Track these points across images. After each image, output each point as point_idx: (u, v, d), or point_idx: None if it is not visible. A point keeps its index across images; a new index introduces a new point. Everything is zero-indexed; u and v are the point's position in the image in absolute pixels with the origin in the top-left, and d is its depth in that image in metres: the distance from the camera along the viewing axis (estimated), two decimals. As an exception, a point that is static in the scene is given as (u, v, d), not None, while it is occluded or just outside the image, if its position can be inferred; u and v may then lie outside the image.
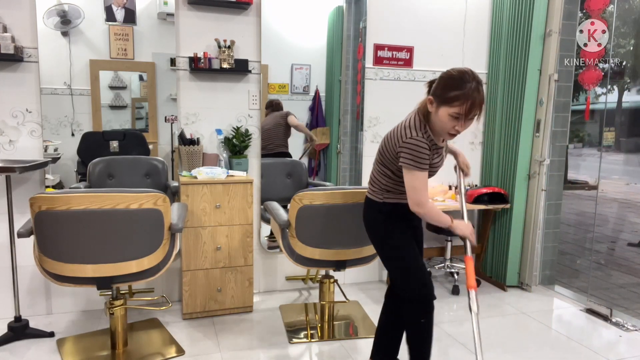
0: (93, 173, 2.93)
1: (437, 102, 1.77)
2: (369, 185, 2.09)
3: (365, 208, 2.12)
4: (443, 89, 1.74)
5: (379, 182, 2.01)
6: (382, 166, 1.98)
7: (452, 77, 1.74)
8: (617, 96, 12.20)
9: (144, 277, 2.27)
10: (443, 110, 1.75)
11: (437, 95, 1.76)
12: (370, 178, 2.08)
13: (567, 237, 5.62)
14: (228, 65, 3.05)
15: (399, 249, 2.02)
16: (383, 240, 2.06)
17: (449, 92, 1.72)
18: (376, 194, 2.03)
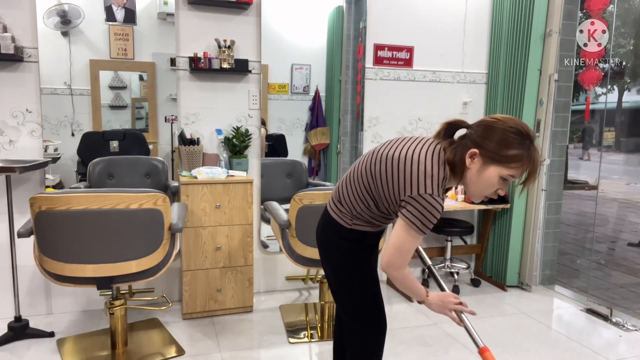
0: (93, 173, 2.93)
1: (487, 160, 1.40)
2: (334, 202, 1.65)
3: (324, 227, 1.69)
4: (500, 144, 1.38)
5: (352, 206, 1.59)
6: (366, 193, 1.54)
7: (510, 131, 1.38)
8: (617, 96, 12.20)
9: (144, 277, 2.27)
10: (494, 170, 1.40)
11: (490, 150, 1.39)
12: (338, 194, 1.64)
13: (567, 237, 5.62)
14: (228, 65, 3.05)
15: (364, 289, 1.70)
16: (345, 273, 1.68)
17: (508, 149, 1.37)
18: (344, 217, 1.61)
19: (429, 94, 3.64)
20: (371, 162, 1.54)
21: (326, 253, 1.72)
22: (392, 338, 2.78)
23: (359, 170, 1.58)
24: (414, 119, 3.64)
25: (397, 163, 1.45)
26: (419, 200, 1.38)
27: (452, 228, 3.53)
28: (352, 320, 1.73)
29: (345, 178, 1.65)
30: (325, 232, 1.70)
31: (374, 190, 1.52)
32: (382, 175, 1.49)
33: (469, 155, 1.42)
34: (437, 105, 3.67)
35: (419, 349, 2.65)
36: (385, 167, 1.48)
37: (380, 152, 1.54)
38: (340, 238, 1.64)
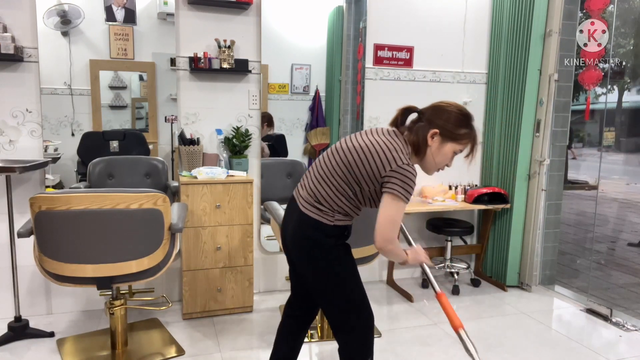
0: (93, 173, 2.93)
1: (445, 136, 1.68)
2: (311, 204, 1.70)
3: (305, 230, 1.71)
4: (453, 124, 1.67)
5: (332, 201, 1.68)
6: (344, 184, 1.66)
7: (458, 112, 1.69)
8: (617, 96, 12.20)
9: (144, 277, 2.27)
10: (450, 146, 1.69)
11: (447, 131, 1.67)
12: (313, 195, 1.70)
13: (567, 237, 5.62)
14: (228, 65, 3.05)
15: (352, 278, 1.77)
16: (332, 269, 1.73)
17: (458, 129, 1.68)
18: (325, 215, 1.68)
19: (429, 94, 3.64)
20: (341, 156, 1.68)
21: (308, 255, 1.74)
22: (392, 338, 2.78)
23: (331, 167, 1.70)
24: (414, 119, 3.63)
25: (369, 149, 1.64)
26: (399, 171, 1.58)
27: (452, 228, 3.53)
28: (342, 313, 1.78)
29: (316, 179, 1.73)
30: (306, 234, 1.72)
31: (354, 180, 1.66)
32: (358, 163, 1.64)
33: (430, 135, 1.68)
34: (437, 105, 3.67)
35: (419, 349, 2.65)
36: (359, 155, 1.64)
37: (347, 146, 1.69)
38: (326, 236, 1.71)
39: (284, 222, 1.85)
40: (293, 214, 1.78)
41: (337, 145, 1.74)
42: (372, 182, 1.63)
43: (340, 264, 1.75)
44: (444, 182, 3.76)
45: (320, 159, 1.77)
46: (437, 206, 3.38)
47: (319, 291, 1.79)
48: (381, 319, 3.03)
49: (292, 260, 1.88)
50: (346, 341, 1.81)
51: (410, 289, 3.47)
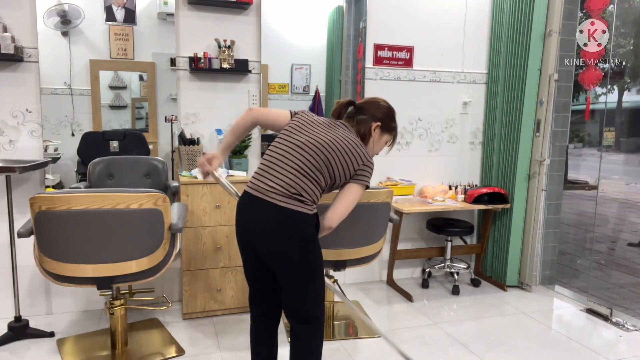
0: (93, 173, 2.93)
1: (384, 129, 1.97)
2: (291, 197, 1.74)
3: (292, 225, 1.75)
4: (390, 119, 1.97)
5: (312, 192, 1.77)
6: (322, 177, 1.79)
7: (391, 108, 1.99)
8: (617, 96, 12.20)
9: (144, 277, 2.27)
10: (386, 137, 2.00)
11: (386, 124, 1.96)
12: (292, 188, 1.74)
13: (567, 237, 5.62)
14: (228, 65, 3.05)
15: (321, 267, 1.87)
16: (314, 259, 1.82)
17: (393, 123, 1.99)
18: (307, 205, 1.76)
19: (429, 93, 3.64)
20: (318, 153, 1.78)
21: (294, 249, 1.77)
22: (392, 338, 2.77)
23: (308, 162, 1.77)
24: (414, 119, 3.64)
25: (342, 147, 1.80)
26: (368, 165, 1.84)
27: (452, 228, 3.53)
28: (311, 304, 1.84)
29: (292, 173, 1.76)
30: (294, 229, 1.75)
31: (330, 175, 1.80)
32: (336, 161, 1.79)
33: (373, 127, 1.93)
34: (437, 105, 3.67)
35: (419, 349, 2.65)
36: (336, 154, 1.79)
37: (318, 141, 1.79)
38: (311, 227, 1.79)
39: (248, 219, 1.81)
40: (263, 209, 1.76)
41: (303, 142, 1.80)
42: (345, 176, 1.81)
43: (319, 257, 1.85)
44: (444, 182, 3.76)
45: (286, 155, 1.79)
46: (437, 206, 3.38)
47: (295, 283, 1.82)
48: (381, 319, 3.03)
49: (261, 256, 1.83)
50: (310, 331, 1.86)
51: (410, 289, 3.47)
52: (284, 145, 1.83)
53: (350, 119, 1.94)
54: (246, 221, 1.83)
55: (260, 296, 1.98)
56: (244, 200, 1.85)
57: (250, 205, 1.81)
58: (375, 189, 2.57)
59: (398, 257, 3.59)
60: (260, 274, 1.93)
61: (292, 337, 1.89)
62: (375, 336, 2.79)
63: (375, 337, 2.78)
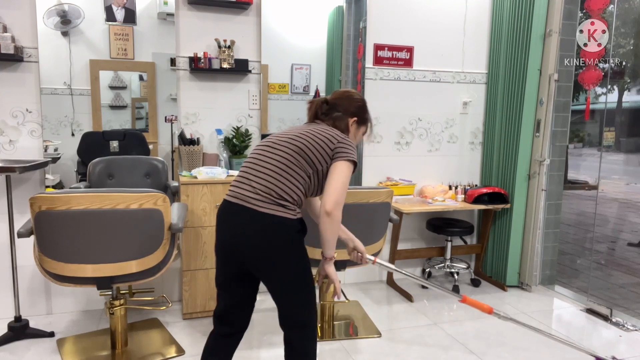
0: (93, 173, 2.93)
1: (360, 122, 1.96)
2: (271, 202, 1.69)
3: (274, 232, 1.70)
4: (364, 111, 1.97)
5: (293, 193, 1.72)
6: (301, 170, 1.73)
7: (363, 101, 1.99)
8: (617, 96, 12.19)
9: (144, 277, 2.27)
10: (362, 129, 2.00)
11: (362, 117, 1.96)
12: (272, 192, 1.69)
13: (567, 237, 5.62)
14: (228, 65, 3.05)
15: (309, 271, 1.80)
16: (299, 264, 1.76)
17: (367, 114, 1.99)
18: (289, 210, 1.71)
19: (429, 94, 3.64)
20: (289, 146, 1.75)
21: (280, 257, 1.72)
22: (392, 338, 2.78)
23: (283, 159, 1.73)
24: (414, 119, 3.64)
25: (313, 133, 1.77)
26: (345, 141, 1.78)
27: (452, 228, 3.53)
28: (302, 309, 1.80)
29: (269, 175, 1.72)
30: (277, 236, 1.71)
31: (308, 163, 1.74)
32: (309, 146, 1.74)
33: (351, 123, 1.92)
34: (437, 105, 3.67)
35: (419, 349, 2.65)
36: (307, 139, 1.75)
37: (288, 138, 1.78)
38: (296, 232, 1.74)
39: (230, 229, 1.74)
40: (246, 217, 1.70)
41: (274, 142, 1.79)
42: (324, 159, 1.75)
43: (307, 261, 1.79)
44: (444, 182, 3.76)
45: (261, 157, 1.76)
46: (437, 206, 3.38)
47: (284, 290, 1.78)
48: (381, 319, 3.03)
49: (247, 267, 1.76)
50: (301, 337, 1.82)
51: (410, 289, 3.47)
52: (259, 150, 1.80)
53: (326, 117, 1.91)
54: (228, 232, 1.75)
55: (230, 314, 1.87)
56: (224, 209, 1.78)
57: (231, 214, 1.74)
58: (375, 189, 2.57)
59: (398, 257, 3.59)
60: (237, 289, 1.84)
61: (286, 345, 1.84)
62: (376, 336, 2.79)
63: (376, 337, 2.78)
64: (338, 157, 1.75)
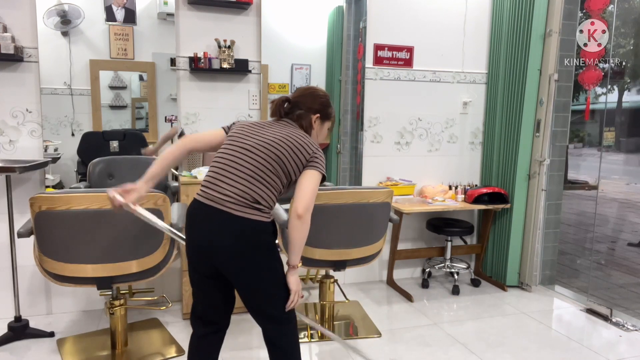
0: (93, 173, 2.93)
1: (323, 118, 1.96)
2: (246, 206, 1.68)
3: (250, 235, 1.69)
4: (327, 107, 1.96)
5: (269, 197, 1.73)
6: (277, 178, 1.74)
7: (327, 96, 1.98)
8: (617, 96, 12.19)
9: (144, 277, 2.27)
10: (327, 124, 2.00)
11: (325, 112, 1.96)
12: (248, 196, 1.69)
13: (567, 237, 5.62)
14: (228, 65, 3.05)
15: (282, 272, 1.80)
16: (273, 266, 1.76)
17: (329, 109, 1.97)
18: (264, 214, 1.72)
19: (429, 94, 3.64)
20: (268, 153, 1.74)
21: (255, 260, 1.72)
22: (392, 338, 2.78)
23: (261, 166, 1.73)
24: (414, 119, 3.64)
25: (290, 141, 1.78)
26: (318, 153, 1.82)
27: (452, 228, 3.53)
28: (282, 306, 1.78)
29: (245, 179, 1.70)
30: (252, 239, 1.70)
31: (284, 172, 1.76)
32: (287, 156, 1.75)
33: (314, 120, 1.91)
34: (437, 105, 3.67)
35: (419, 349, 2.65)
36: (285, 149, 1.76)
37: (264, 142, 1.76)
38: (269, 234, 1.75)
39: (203, 232, 1.72)
40: (220, 220, 1.68)
41: (250, 144, 1.76)
42: (298, 168, 1.78)
43: (280, 261, 1.79)
44: (444, 182, 3.76)
45: (236, 160, 1.74)
46: (437, 206, 3.38)
47: (262, 292, 1.76)
48: (381, 319, 3.03)
49: (221, 270, 1.74)
50: (285, 332, 1.82)
51: (410, 289, 3.47)
52: (233, 151, 1.76)
53: (290, 115, 1.90)
54: (201, 234, 1.72)
55: (210, 314, 1.86)
56: (195, 210, 1.74)
57: (203, 216, 1.71)
58: (375, 189, 2.57)
59: (398, 257, 3.59)
60: (214, 289, 1.82)
61: (267, 344, 1.83)
62: (376, 336, 2.79)
63: (376, 337, 2.78)
64: (310, 166, 1.78)
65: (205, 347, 1.89)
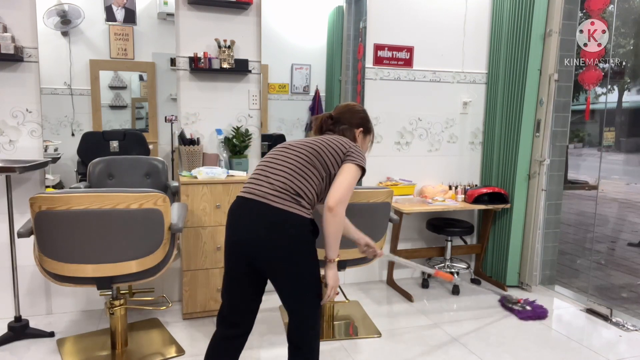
0: (93, 173, 2.93)
1: (365, 132, 2.08)
2: (288, 199, 1.71)
3: (292, 228, 1.71)
4: (367, 121, 2.09)
5: (308, 191, 1.75)
6: (317, 172, 1.78)
7: (365, 112, 2.11)
8: (617, 96, 12.19)
9: (144, 277, 2.27)
10: (368, 138, 2.11)
11: (366, 127, 2.08)
12: (290, 189, 1.72)
13: (567, 237, 5.62)
14: (228, 65, 3.05)
15: (319, 272, 1.82)
16: (312, 265, 1.78)
17: (369, 124, 2.10)
18: (304, 209, 1.73)
19: (429, 94, 3.64)
20: (308, 149, 1.82)
21: (294, 255, 1.73)
22: (392, 338, 2.78)
23: (302, 161, 1.79)
24: (414, 119, 3.64)
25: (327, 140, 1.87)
26: (356, 147, 1.89)
27: (452, 228, 3.53)
28: (313, 311, 1.82)
29: (288, 174, 1.76)
30: (287, 232, 1.71)
31: (323, 166, 1.80)
32: (325, 149, 1.82)
33: (357, 133, 2.04)
34: (437, 105, 3.67)
35: (419, 349, 2.65)
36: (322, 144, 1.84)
37: (305, 143, 1.86)
38: (308, 231, 1.75)
39: (240, 224, 1.74)
40: (260, 212, 1.71)
41: (288, 146, 1.86)
42: (336, 162, 1.82)
43: (317, 261, 1.81)
44: (444, 182, 3.76)
45: (277, 158, 1.82)
46: (437, 206, 3.38)
47: (297, 292, 1.78)
48: (381, 319, 3.03)
49: (257, 264, 1.76)
50: (312, 336, 1.84)
51: (410, 289, 3.47)
52: (275, 153, 1.86)
53: (333, 130, 2.02)
54: (242, 227, 1.74)
55: (235, 315, 1.86)
56: (238, 205, 1.78)
57: (244, 210, 1.75)
58: (375, 189, 2.57)
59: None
60: (245, 288, 1.83)
61: (288, 341, 1.86)
62: (376, 336, 2.79)
63: (376, 337, 2.78)
64: (348, 159, 1.83)
65: (225, 350, 1.87)
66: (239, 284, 1.82)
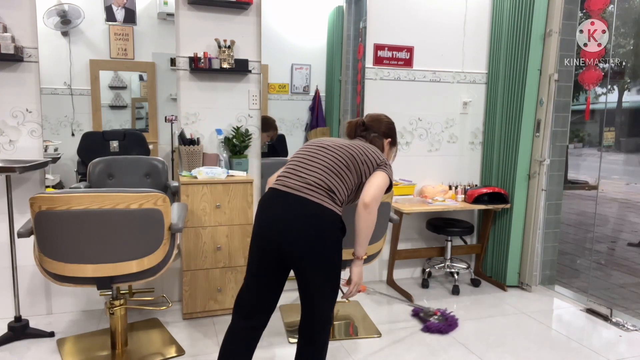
0: (93, 173, 2.93)
1: (392, 144, 2.18)
2: (323, 194, 1.77)
3: (324, 221, 1.76)
4: (395, 133, 2.20)
5: (341, 190, 1.83)
6: (349, 172, 1.85)
7: (393, 123, 2.20)
8: (617, 96, 12.19)
9: (144, 277, 2.27)
10: (394, 149, 2.22)
11: (394, 139, 2.19)
12: (324, 185, 1.79)
13: (567, 237, 5.62)
14: (228, 65, 3.05)
15: (340, 269, 1.87)
16: (338, 261, 1.82)
17: (396, 137, 2.22)
18: (336, 205, 1.80)
19: (429, 94, 3.64)
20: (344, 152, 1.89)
21: (320, 244, 1.75)
22: (392, 338, 2.78)
23: (338, 161, 1.86)
24: (414, 119, 3.64)
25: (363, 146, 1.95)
26: (387, 162, 1.97)
27: (452, 228, 3.53)
28: (331, 306, 1.86)
29: (323, 170, 1.82)
30: (318, 224, 1.75)
31: (356, 171, 1.87)
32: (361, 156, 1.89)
33: (386, 143, 2.14)
34: (437, 105, 3.67)
35: (419, 349, 2.65)
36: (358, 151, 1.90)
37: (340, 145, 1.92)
38: (338, 227, 1.81)
39: (270, 213, 1.78)
40: (293, 203, 1.75)
41: (325, 145, 1.91)
42: (369, 169, 1.89)
43: (341, 259, 1.84)
44: (444, 182, 3.76)
45: (313, 155, 1.88)
46: (437, 206, 3.38)
47: (322, 284, 1.80)
48: (381, 319, 3.03)
49: (285, 252, 1.77)
50: (327, 331, 1.89)
51: (410, 289, 3.47)
52: (310, 149, 1.91)
53: (364, 137, 2.11)
54: (272, 215, 1.78)
55: (253, 306, 1.89)
56: (270, 195, 1.82)
57: (277, 199, 1.79)
58: (375, 189, 2.56)
59: (398, 257, 3.59)
60: (267, 279, 1.86)
61: (302, 337, 1.89)
62: (376, 336, 2.79)
63: (376, 337, 2.78)
64: (380, 169, 1.91)
65: (239, 342, 1.90)
66: (265, 272, 1.85)
